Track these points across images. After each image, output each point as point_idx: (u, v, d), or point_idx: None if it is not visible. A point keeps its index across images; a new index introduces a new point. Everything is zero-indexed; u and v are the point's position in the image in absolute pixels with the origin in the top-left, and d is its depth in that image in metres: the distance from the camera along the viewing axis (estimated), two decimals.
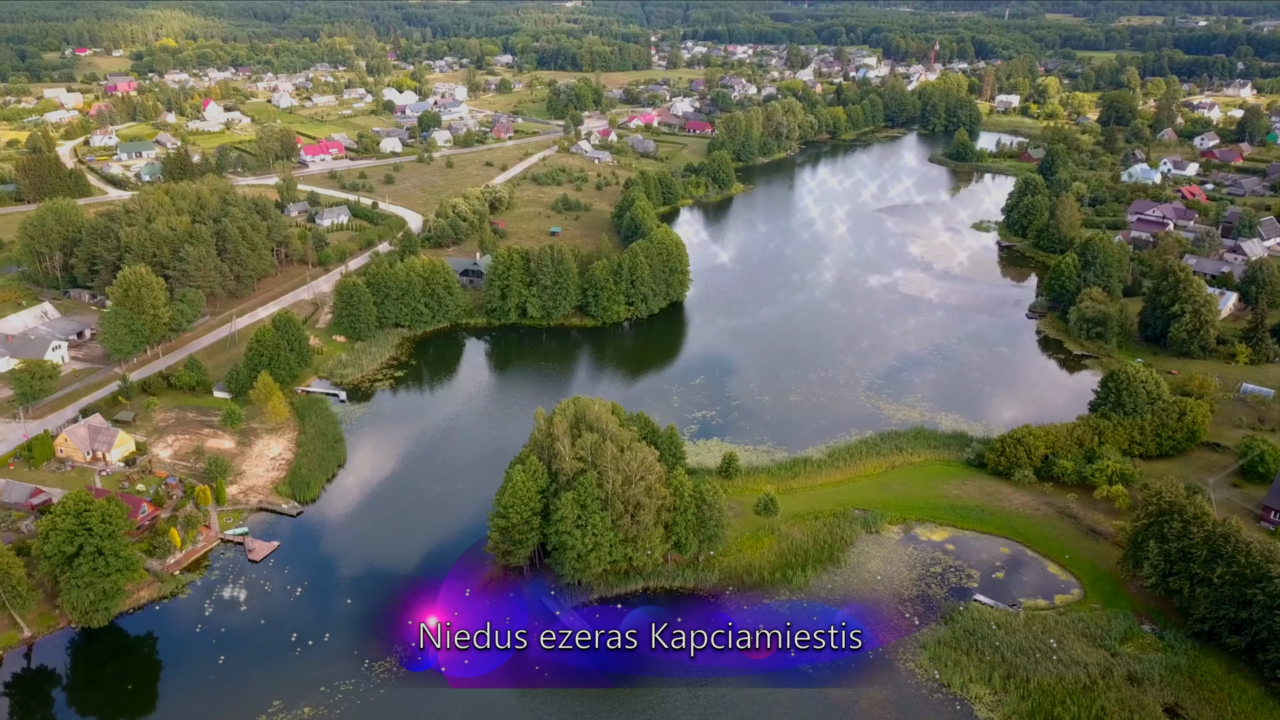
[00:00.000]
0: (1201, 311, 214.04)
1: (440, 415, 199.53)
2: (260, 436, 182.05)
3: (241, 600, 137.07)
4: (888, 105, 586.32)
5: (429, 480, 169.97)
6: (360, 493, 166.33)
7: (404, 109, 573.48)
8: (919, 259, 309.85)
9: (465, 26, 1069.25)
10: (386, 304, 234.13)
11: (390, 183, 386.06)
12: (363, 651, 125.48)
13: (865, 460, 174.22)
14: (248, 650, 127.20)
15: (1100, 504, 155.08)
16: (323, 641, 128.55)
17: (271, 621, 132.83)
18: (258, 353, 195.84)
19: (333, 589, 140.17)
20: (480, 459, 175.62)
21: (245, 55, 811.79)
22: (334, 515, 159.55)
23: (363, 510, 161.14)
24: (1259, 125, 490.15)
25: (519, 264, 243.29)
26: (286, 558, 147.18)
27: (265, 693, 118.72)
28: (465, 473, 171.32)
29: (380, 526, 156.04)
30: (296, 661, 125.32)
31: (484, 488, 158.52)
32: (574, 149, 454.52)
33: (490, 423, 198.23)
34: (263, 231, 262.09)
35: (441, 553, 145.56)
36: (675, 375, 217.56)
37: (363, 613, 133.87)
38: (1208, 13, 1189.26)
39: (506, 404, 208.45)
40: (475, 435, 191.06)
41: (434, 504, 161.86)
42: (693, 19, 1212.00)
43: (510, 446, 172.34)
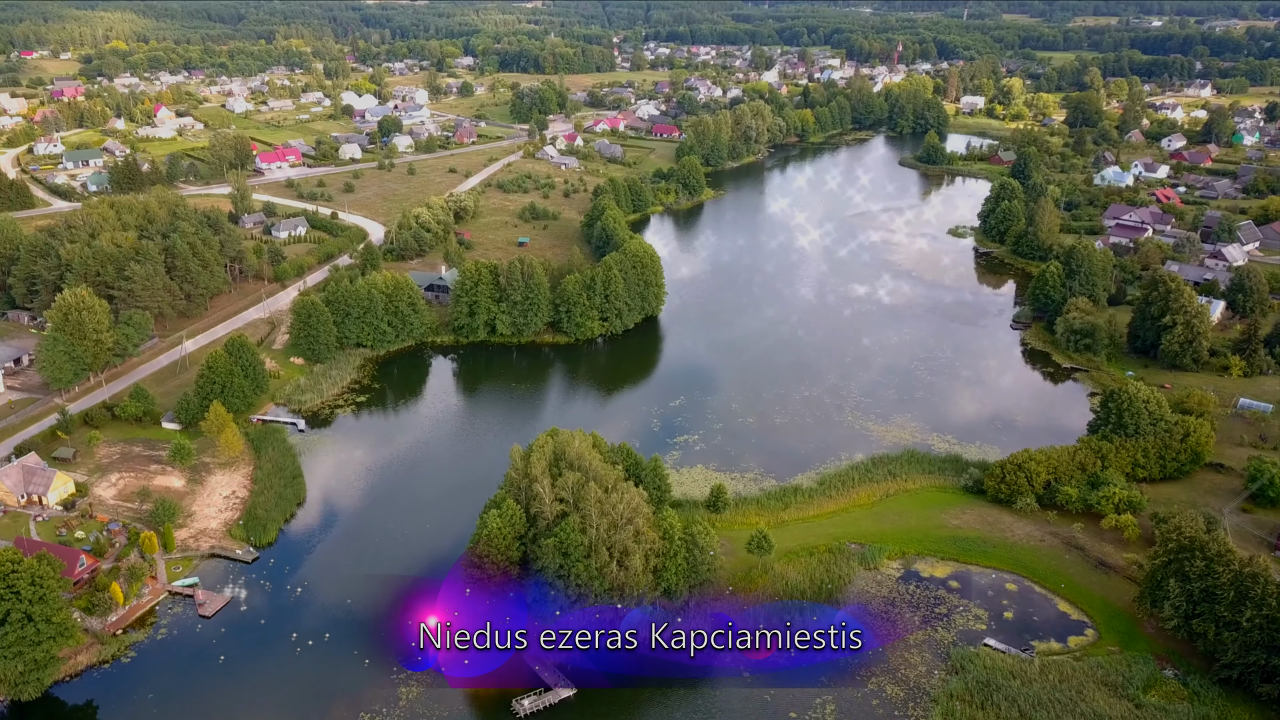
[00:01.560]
0: (1194, 323, 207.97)
1: (406, 444, 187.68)
2: (212, 472, 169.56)
3: (187, 658, 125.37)
4: (855, 107, 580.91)
5: (395, 518, 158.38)
6: (321, 534, 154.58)
7: (363, 113, 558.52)
8: (897, 266, 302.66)
9: (425, 28, 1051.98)
10: (347, 323, 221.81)
11: (350, 191, 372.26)
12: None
13: (858, 488, 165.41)
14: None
15: (1108, 534, 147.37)
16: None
17: (223, 689, 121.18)
18: (209, 380, 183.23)
19: (287, 650, 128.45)
20: (451, 493, 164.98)
21: (198, 58, 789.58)
22: (293, 560, 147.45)
23: (324, 554, 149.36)
24: (1224, 126, 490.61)
25: (487, 279, 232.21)
26: (240, 612, 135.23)
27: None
28: (434, 509, 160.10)
29: (343, 571, 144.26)
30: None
31: (455, 526, 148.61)
32: (540, 154, 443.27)
33: (461, 451, 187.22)
34: (215, 247, 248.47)
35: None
36: (654, 395, 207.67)
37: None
38: (1160, 13, 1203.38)
39: (477, 430, 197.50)
40: (445, 466, 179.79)
41: (401, 546, 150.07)
42: (654, 20, 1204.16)
43: (482, 478, 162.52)
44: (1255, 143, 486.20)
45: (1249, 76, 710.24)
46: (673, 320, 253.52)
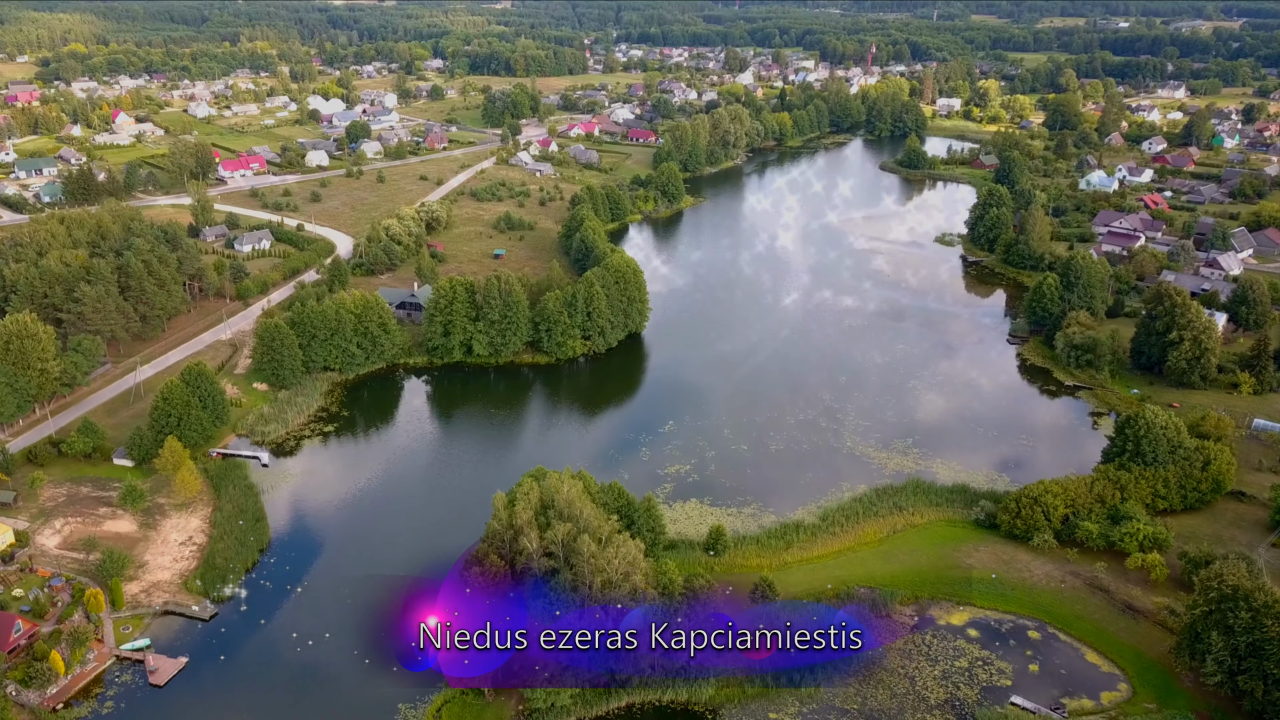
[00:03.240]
0: (1201, 339, 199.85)
1: (378, 479, 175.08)
2: (167, 515, 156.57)
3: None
4: (832, 110, 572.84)
5: (368, 563, 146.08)
6: (286, 586, 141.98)
7: (330, 118, 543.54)
8: (885, 277, 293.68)
9: (393, 30, 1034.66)
10: (314, 346, 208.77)
11: (317, 200, 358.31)
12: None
13: (863, 523, 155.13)
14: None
15: (1133, 574, 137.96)
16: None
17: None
18: (164, 413, 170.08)
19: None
20: (427, 534, 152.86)
21: (160, 61, 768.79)
22: (254, 617, 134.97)
23: (289, 610, 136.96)
24: (1204, 129, 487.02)
25: (463, 296, 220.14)
26: (196, 678, 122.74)
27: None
28: (409, 553, 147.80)
29: (309, 628, 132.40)
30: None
31: (433, 574, 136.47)
32: (513, 160, 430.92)
33: (437, 486, 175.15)
34: (173, 264, 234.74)
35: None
36: (642, 421, 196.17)
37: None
38: (1126, 14, 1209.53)
39: (454, 462, 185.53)
40: (420, 504, 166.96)
41: (374, 599, 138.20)
42: (625, 21, 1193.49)
43: (461, 518, 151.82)
44: (1236, 145, 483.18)
45: (1221, 77, 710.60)
46: (657, 337, 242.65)
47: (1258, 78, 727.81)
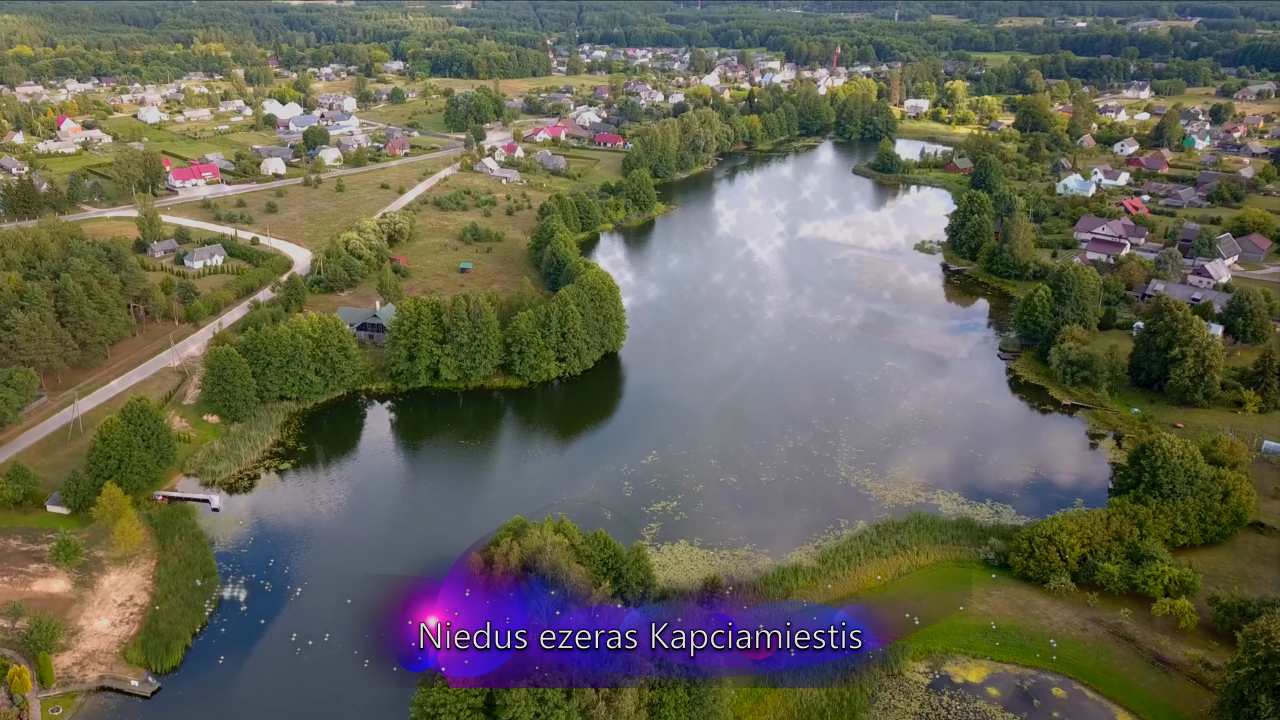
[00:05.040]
0: (1205, 355, 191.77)
1: (339, 522, 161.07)
2: (106, 571, 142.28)
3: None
4: (802, 113, 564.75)
5: (329, 625, 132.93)
6: (238, 654, 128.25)
7: (287, 123, 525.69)
8: (867, 288, 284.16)
9: (351, 31, 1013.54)
10: (268, 374, 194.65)
11: (273, 211, 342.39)
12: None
13: (865, 565, 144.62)
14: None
15: (1159, 621, 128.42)
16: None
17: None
18: (103, 455, 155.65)
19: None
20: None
21: (110, 64, 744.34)
22: (203, 692, 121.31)
23: (242, 684, 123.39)
24: (1174, 130, 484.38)
25: (428, 318, 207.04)
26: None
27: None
28: (375, 611, 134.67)
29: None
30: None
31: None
32: (478, 167, 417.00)
33: (405, 529, 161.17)
34: (115, 286, 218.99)
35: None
36: (623, 451, 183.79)
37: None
38: (1083, 13, 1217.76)
39: (423, 501, 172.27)
40: (385, 552, 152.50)
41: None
42: (587, 21, 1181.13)
43: (430, 567, 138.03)
44: (1207, 146, 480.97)
45: (1184, 77, 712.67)
46: (635, 356, 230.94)
47: (1218, 77, 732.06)
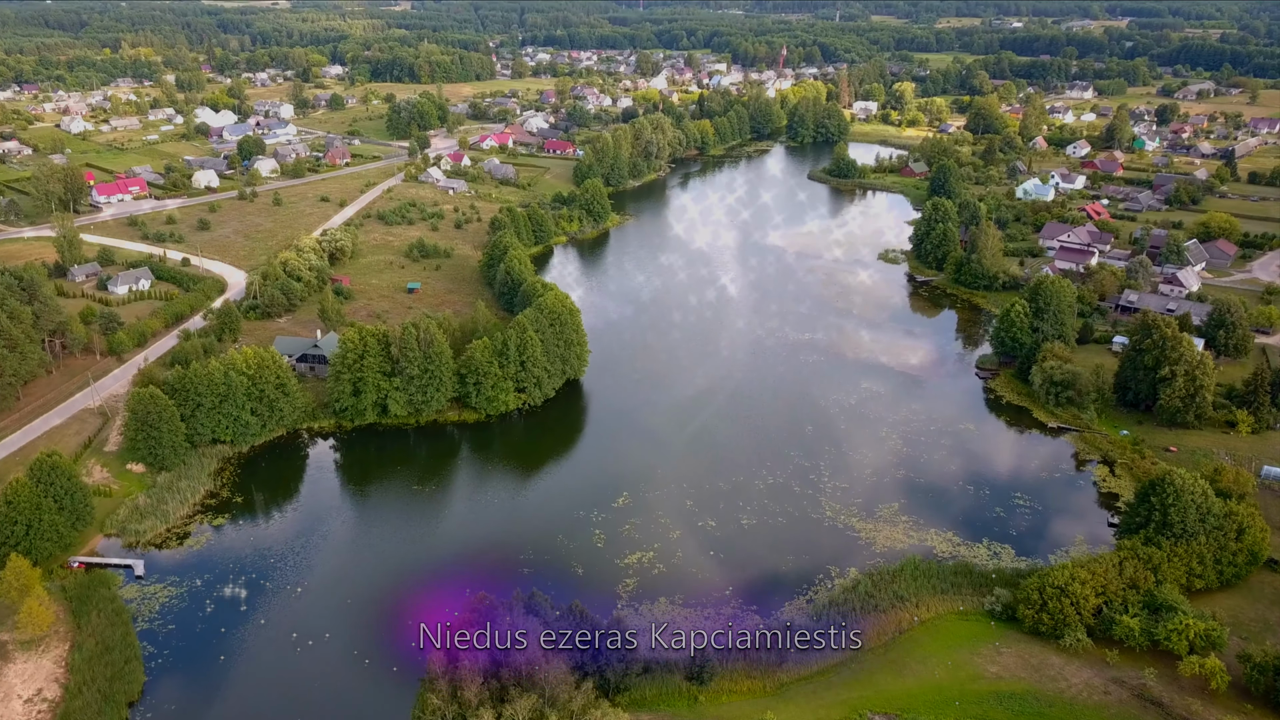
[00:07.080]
0: (1196, 374, 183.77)
1: (279, 590, 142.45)
2: (11, 659, 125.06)
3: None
4: (753, 117, 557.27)
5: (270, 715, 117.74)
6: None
7: (220, 132, 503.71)
8: (832, 303, 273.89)
9: (287, 34, 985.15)
10: (199, 415, 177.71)
11: (205, 229, 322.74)
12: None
13: (862, 622, 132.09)
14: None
15: (1187, 682, 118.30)
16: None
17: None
18: (8, 521, 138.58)
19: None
20: (343, 675, 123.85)
21: (32, 70, 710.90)
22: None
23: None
24: (1124, 131, 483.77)
25: (374, 349, 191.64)
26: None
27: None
28: (322, 706, 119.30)
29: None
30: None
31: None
32: (423, 177, 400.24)
33: (352, 599, 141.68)
34: (27, 320, 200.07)
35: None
36: (592, 493, 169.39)
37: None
38: (1018, 13, 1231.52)
39: (371, 559, 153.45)
40: (329, 627, 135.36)
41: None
42: (529, 23, 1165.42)
43: (380, 644, 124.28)
44: (1157, 147, 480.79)
45: (1124, 77, 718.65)
46: (598, 383, 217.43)
47: (1156, 77, 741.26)
